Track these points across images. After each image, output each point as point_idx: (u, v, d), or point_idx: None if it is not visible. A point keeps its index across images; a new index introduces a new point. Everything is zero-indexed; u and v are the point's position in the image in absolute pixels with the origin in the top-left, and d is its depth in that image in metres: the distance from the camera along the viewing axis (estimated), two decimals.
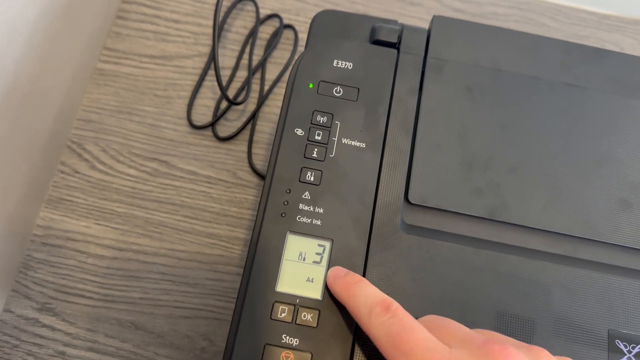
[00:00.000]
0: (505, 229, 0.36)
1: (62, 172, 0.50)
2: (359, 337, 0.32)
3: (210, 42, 0.56)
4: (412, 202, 0.36)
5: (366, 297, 0.30)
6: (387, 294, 0.33)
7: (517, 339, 0.31)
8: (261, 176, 0.51)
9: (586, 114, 0.38)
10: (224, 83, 0.54)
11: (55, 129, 0.50)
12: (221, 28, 0.56)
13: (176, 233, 0.49)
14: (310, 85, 0.38)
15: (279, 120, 0.37)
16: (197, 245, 0.49)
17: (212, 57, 0.51)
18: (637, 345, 0.33)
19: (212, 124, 0.52)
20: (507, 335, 0.31)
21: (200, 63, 0.55)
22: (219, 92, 0.54)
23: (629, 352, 0.33)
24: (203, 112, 0.53)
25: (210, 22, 0.56)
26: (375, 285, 0.33)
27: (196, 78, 0.54)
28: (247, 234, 0.50)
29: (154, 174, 0.51)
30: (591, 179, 0.37)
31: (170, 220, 0.50)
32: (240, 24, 0.57)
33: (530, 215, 0.36)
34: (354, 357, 0.32)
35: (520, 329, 0.34)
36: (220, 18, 0.56)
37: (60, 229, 0.49)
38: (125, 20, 0.56)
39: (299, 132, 0.37)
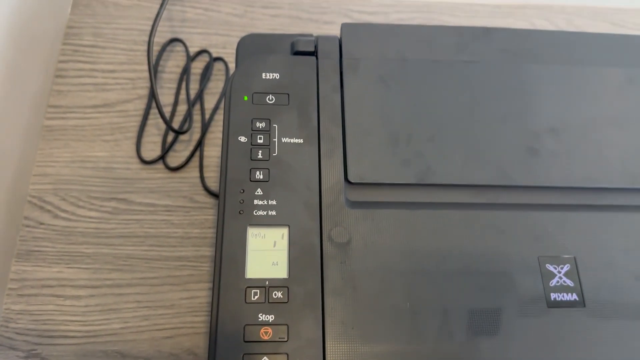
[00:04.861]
0: (434, 190, 0.41)
1: (27, 226, 0.53)
2: (327, 302, 0.36)
3: (148, 84, 0.60)
4: (352, 181, 0.41)
5: None
6: (344, 261, 0.37)
7: (462, 280, 0.36)
8: (216, 196, 0.55)
9: (484, 82, 0.45)
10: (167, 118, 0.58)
11: (15, 187, 0.53)
12: (156, 70, 0.60)
13: (145, 262, 0.52)
14: (245, 98, 0.43)
15: (223, 133, 0.42)
16: (166, 269, 0.52)
17: (152, 94, 0.55)
18: (564, 265, 0.39)
19: (162, 157, 0.56)
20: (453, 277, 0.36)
21: (142, 104, 0.59)
22: (164, 127, 0.58)
23: (559, 272, 0.39)
24: (152, 148, 0.57)
25: (145, 67, 0.61)
26: (332, 256, 0.37)
27: (140, 119, 0.58)
28: (212, 251, 0.53)
29: (114, 212, 0.54)
30: (500, 135, 0.43)
31: (137, 251, 0.53)
32: (173, 63, 0.62)
33: (453, 174, 0.41)
34: (326, 320, 0.36)
35: (463, 272, 0.38)
36: (154, 61, 0.61)
37: (34, 278, 0.51)
38: (65, 77, 0.60)
39: (242, 139, 0.41)
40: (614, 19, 0.69)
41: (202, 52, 0.62)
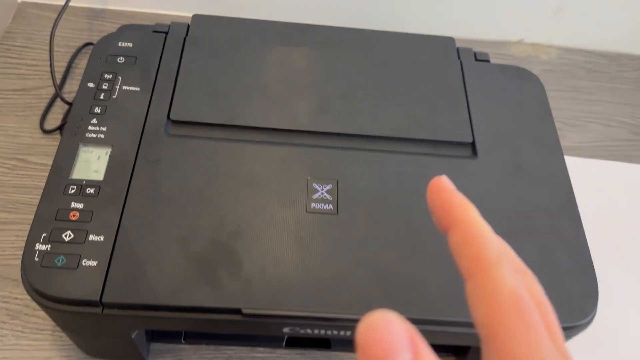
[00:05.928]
0: (239, 130, 0.52)
1: None
2: (129, 199, 0.46)
3: (61, 76, 0.73)
4: (173, 119, 0.51)
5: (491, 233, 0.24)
6: (150, 174, 0.47)
7: (246, 192, 0.46)
8: None
9: (297, 62, 0.56)
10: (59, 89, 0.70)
11: None
12: (70, 66, 0.74)
13: (29, 207, 0.62)
14: (101, 59, 0.55)
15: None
16: None
17: (52, 71, 0.68)
18: (327, 185, 0.49)
19: (60, 127, 0.67)
20: (238, 190, 0.47)
21: (53, 90, 0.71)
22: (67, 107, 0.70)
23: (322, 189, 0.48)
24: (55, 124, 0.69)
25: (62, 63, 0.74)
26: (142, 170, 0.47)
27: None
28: None
29: (12, 169, 0.65)
30: (299, 97, 0.54)
31: (25, 198, 0.63)
32: (85, 62, 0.74)
33: (256, 119, 0.52)
34: (125, 211, 0.45)
35: (247, 187, 0.48)
36: (69, 59, 0.74)
37: None
38: None
39: (91, 85, 0.53)
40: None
41: None
